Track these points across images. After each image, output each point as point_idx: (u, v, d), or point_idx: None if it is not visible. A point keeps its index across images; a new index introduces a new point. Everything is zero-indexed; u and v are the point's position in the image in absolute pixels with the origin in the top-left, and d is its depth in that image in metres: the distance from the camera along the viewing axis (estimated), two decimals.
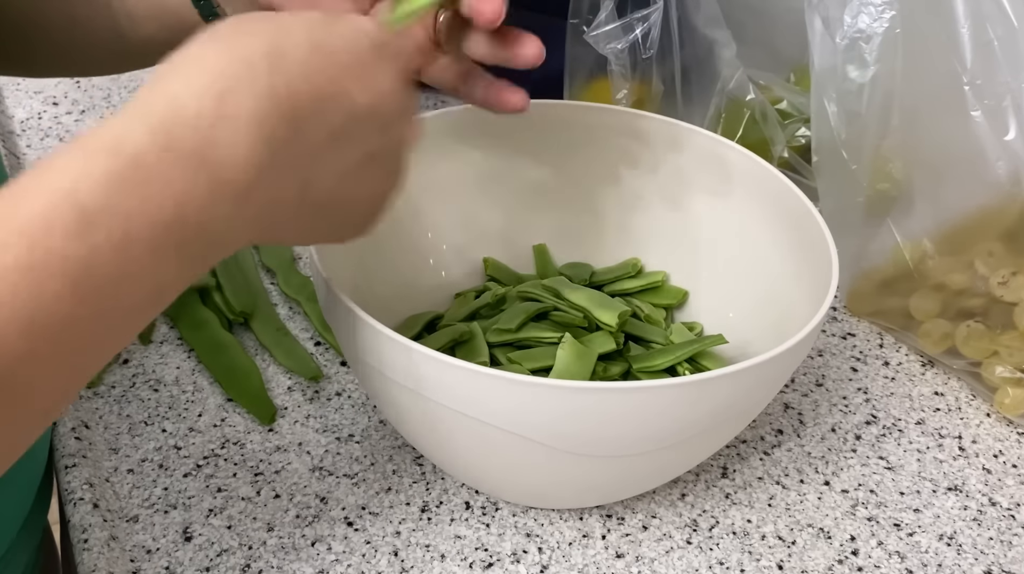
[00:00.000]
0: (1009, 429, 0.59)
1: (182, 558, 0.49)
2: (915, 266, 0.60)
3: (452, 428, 0.45)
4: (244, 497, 0.52)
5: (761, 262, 0.56)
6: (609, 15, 0.67)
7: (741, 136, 0.69)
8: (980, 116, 0.54)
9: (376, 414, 0.57)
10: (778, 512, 0.53)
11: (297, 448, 0.55)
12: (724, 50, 0.68)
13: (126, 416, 0.56)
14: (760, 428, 0.58)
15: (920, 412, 0.60)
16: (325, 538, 0.50)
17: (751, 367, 0.43)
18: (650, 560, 0.50)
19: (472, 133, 0.59)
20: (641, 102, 0.70)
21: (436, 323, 0.58)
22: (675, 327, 0.58)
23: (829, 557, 0.51)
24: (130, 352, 0.60)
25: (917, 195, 0.59)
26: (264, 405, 0.57)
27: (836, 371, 0.62)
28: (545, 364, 0.53)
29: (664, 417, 0.43)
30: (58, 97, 0.85)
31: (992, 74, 0.54)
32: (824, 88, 0.60)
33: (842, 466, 0.56)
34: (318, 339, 0.62)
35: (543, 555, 0.50)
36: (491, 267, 0.62)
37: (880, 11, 0.57)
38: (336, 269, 0.47)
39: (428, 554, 0.50)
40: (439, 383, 0.43)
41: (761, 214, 0.56)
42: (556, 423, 0.42)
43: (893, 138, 0.59)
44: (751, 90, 0.68)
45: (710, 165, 0.58)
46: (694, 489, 0.54)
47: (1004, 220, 0.56)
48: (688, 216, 0.60)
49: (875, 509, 0.54)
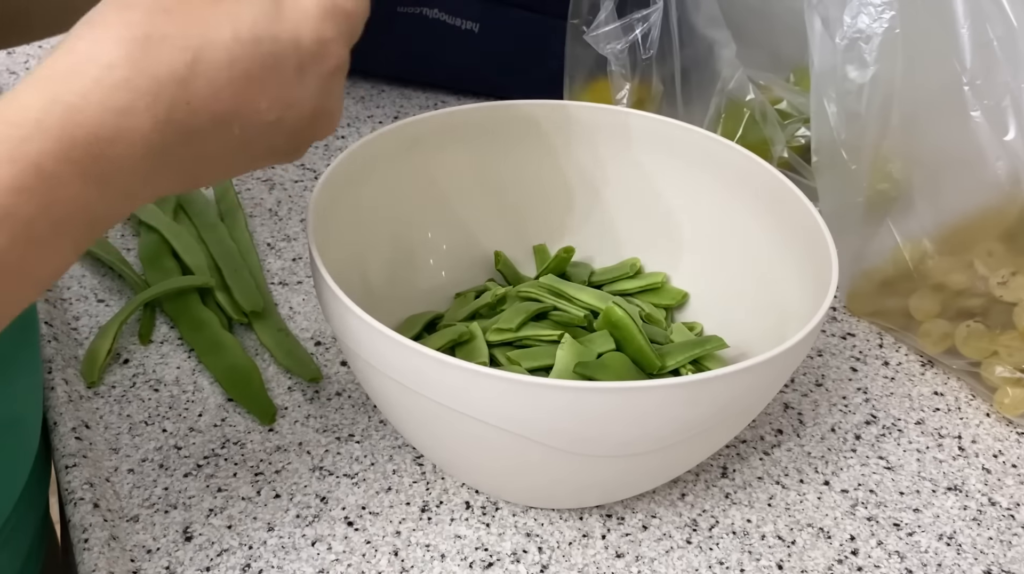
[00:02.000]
0: (1009, 429, 0.59)
1: (182, 558, 0.49)
2: (915, 266, 0.60)
3: (452, 428, 0.45)
4: (244, 497, 0.52)
5: (761, 262, 0.56)
6: (609, 15, 0.67)
7: (741, 136, 0.69)
8: (980, 116, 0.54)
9: (376, 414, 0.57)
10: (778, 512, 0.53)
11: (297, 448, 0.55)
12: (724, 50, 0.68)
13: (126, 416, 0.56)
14: (760, 428, 0.58)
15: (920, 412, 0.60)
16: (325, 538, 0.50)
17: (751, 367, 0.43)
18: (650, 560, 0.50)
19: (471, 133, 0.59)
20: (641, 102, 0.70)
21: (436, 323, 0.58)
22: (675, 327, 0.58)
23: (829, 557, 0.51)
24: (130, 352, 0.60)
25: (917, 195, 0.59)
26: (264, 405, 0.57)
27: (836, 371, 0.63)
28: (545, 364, 0.53)
29: (664, 417, 0.43)
30: None
31: (992, 74, 0.54)
32: (824, 88, 0.60)
33: (842, 466, 0.56)
34: (319, 339, 0.62)
35: (543, 555, 0.50)
36: (501, 262, 0.62)
37: (880, 11, 0.57)
38: (336, 269, 0.47)
39: (428, 554, 0.50)
40: (439, 383, 0.43)
41: (761, 214, 0.56)
42: (556, 423, 0.43)
43: (893, 138, 0.59)
44: (751, 90, 0.68)
45: (710, 165, 0.58)
46: (694, 489, 0.54)
47: (1004, 220, 0.56)
48: (688, 216, 0.60)
49: (875, 509, 0.54)
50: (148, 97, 0.32)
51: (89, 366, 0.58)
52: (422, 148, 0.58)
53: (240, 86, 0.34)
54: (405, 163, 0.57)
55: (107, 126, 0.31)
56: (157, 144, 0.33)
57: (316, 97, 0.37)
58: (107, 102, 0.31)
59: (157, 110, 0.32)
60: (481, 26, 0.80)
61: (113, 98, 0.31)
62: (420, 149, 0.58)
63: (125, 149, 0.32)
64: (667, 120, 0.59)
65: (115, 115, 0.31)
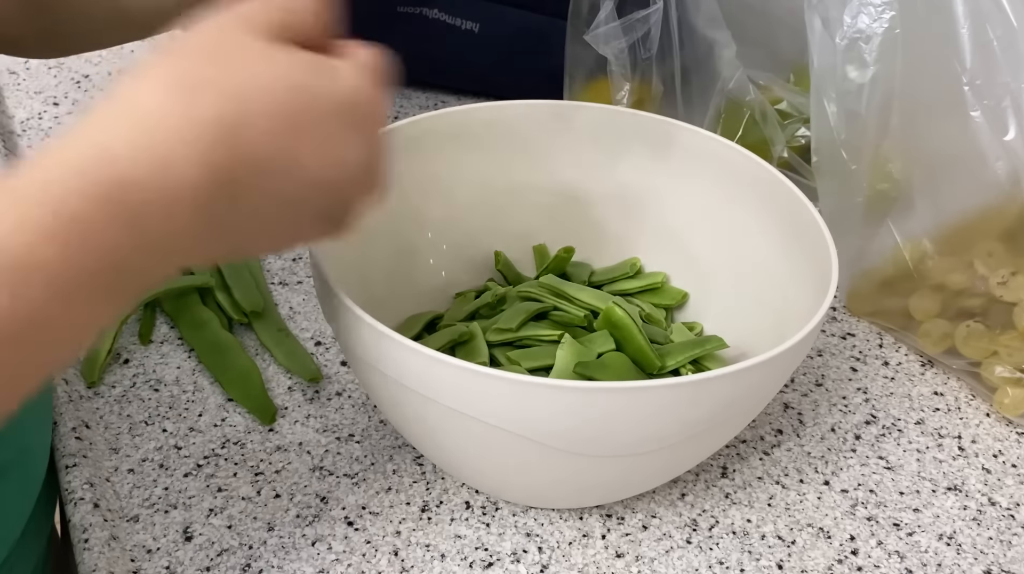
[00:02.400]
0: (1009, 429, 0.59)
1: (182, 558, 0.49)
2: (915, 266, 0.60)
3: (452, 428, 0.45)
4: (244, 497, 0.52)
5: (761, 262, 0.56)
6: (609, 15, 0.67)
7: (741, 136, 0.69)
8: (980, 116, 0.54)
9: (376, 414, 0.57)
10: (778, 512, 0.53)
11: (297, 448, 0.55)
12: (724, 50, 0.68)
13: (126, 416, 0.56)
14: (760, 428, 0.58)
15: (920, 412, 0.60)
16: (325, 538, 0.50)
17: (751, 367, 0.43)
18: (650, 560, 0.50)
19: (471, 133, 0.59)
20: (641, 102, 0.70)
21: (436, 323, 0.58)
22: (675, 327, 0.58)
23: (829, 557, 0.51)
24: (130, 352, 0.60)
25: (917, 195, 0.59)
26: (264, 405, 0.57)
27: (836, 371, 0.63)
28: (545, 363, 0.53)
29: (664, 417, 0.43)
30: (58, 97, 0.85)
31: (992, 74, 0.54)
32: (824, 88, 0.60)
33: (842, 466, 0.56)
34: (319, 339, 0.62)
35: (543, 555, 0.50)
36: (501, 262, 0.62)
37: (880, 11, 0.57)
38: (336, 269, 0.47)
39: (428, 554, 0.50)
40: (439, 383, 0.43)
41: (761, 214, 0.56)
42: (556, 423, 0.43)
43: (893, 138, 0.59)
44: (751, 90, 0.68)
45: (710, 165, 0.58)
46: (694, 489, 0.54)
47: (1004, 220, 0.56)
48: (687, 216, 0.60)
49: (875, 509, 0.54)
50: (191, 144, 0.31)
51: (89, 366, 0.58)
52: (422, 148, 0.58)
53: (284, 136, 0.33)
54: (405, 163, 0.57)
55: (149, 174, 0.30)
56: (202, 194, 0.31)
57: (361, 155, 0.36)
58: (150, 149, 0.30)
59: (200, 157, 0.31)
60: (481, 26, 0.80)
61: (156, 145, 0.30)
62: (420, 149, 0.58)
63: (166, 197, 0.31)
64: (667, 120, 0.59)
65: (158, 162, 0.30)
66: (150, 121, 0.31)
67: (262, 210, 0.34)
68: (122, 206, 0.30)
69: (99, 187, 0.29)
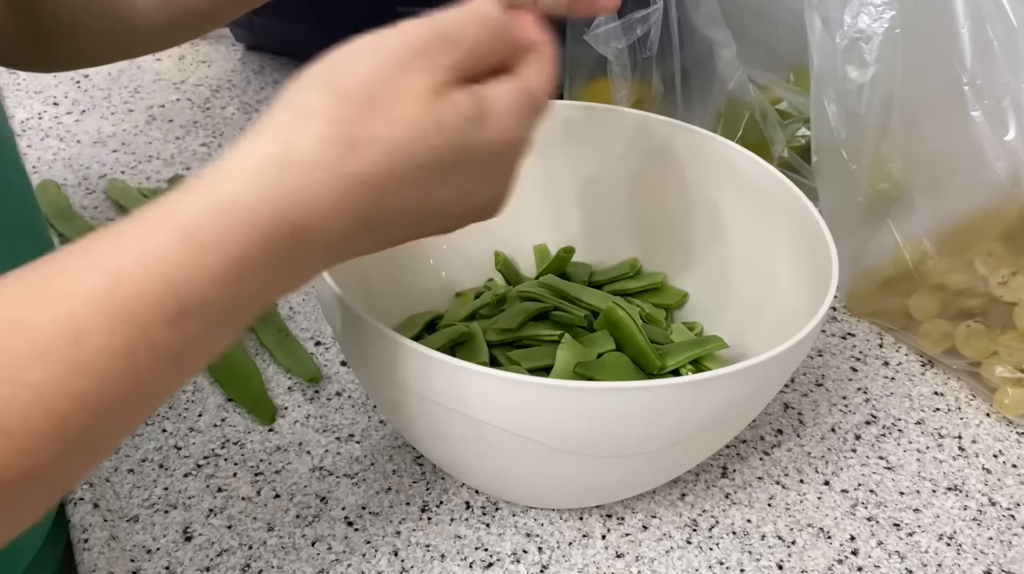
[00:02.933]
0: (1009, 429, 0.59)
1: (182, 558, 0.49)
2: (915, 266, 0.60)
3: (452, 428, 0.45)
4: (244, 497, 0.52)
5: (761, 262, 0.56)
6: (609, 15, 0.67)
7: (741, 136, 0.69)
8: (980, 116, 0.54)
9: (376, 414, 0.57)
10: (778, 512, 0.53)
11: (297, 448, 0.55)
12: (724, 50, 0.68)
13: None
14: (760, 428, 0.58)
15: (920, 412, 0.60)
16: (325, 538, 0.50)
17: (751, 367, 0.43)
18: (650, 560, 0.50)
19: None
20: (641, 102, 0.71)
21: (436, 323, 0.58)
22: (675, 327, 0.58)
23: (829, 557, 0.51)
24: None
25: (917, 195, 0.59)
26: (264, 405, 0.57)
27: (836, 371, 0.63)
28: (545, 363, 0.53)
29: (664, 417, 0.43)
30: (58, 97, 0.85)
31: (992, 74, 0.54)
32: (824, 88, 0.60)
33: (842, 466, 0.56)
34: (319, 339, 0.62)
35: (543, 555, 0.50)
36: (501, 262, 0.62)
37: (880, 11, 0.57)
38: (336, 269, 0.47)
39: (428, 554, 0.50)
40: (439, 383, 0.43)
41: (761, 214, 0.56)
42: (556, 423, 0.42)
43: (893, 138, 0.59)
44: (751, 90, 0.68)
45: (710, 165, 0.58)
46: (694, 489, 0.54)
47: (1004, 220, 0.56)
48: (687, 216, 0.60)
49: (875, 509, 0.54)
50: (346, 199, 0.33)
51: None
52: None
53: (429, 187, 0.35)
54: None
55: (307, 223, 0.32)
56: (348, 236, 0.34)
57: (493, 193, 0.38)
58: (312, 201, 0.32)
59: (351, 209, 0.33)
60: None
61: (317, 198, 0.32)
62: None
63: (315, 242, 0.33)
64: (667, 120, 0.59)
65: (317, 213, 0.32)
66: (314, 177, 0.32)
67: (391, 236, 0.36)
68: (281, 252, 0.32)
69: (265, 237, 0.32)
